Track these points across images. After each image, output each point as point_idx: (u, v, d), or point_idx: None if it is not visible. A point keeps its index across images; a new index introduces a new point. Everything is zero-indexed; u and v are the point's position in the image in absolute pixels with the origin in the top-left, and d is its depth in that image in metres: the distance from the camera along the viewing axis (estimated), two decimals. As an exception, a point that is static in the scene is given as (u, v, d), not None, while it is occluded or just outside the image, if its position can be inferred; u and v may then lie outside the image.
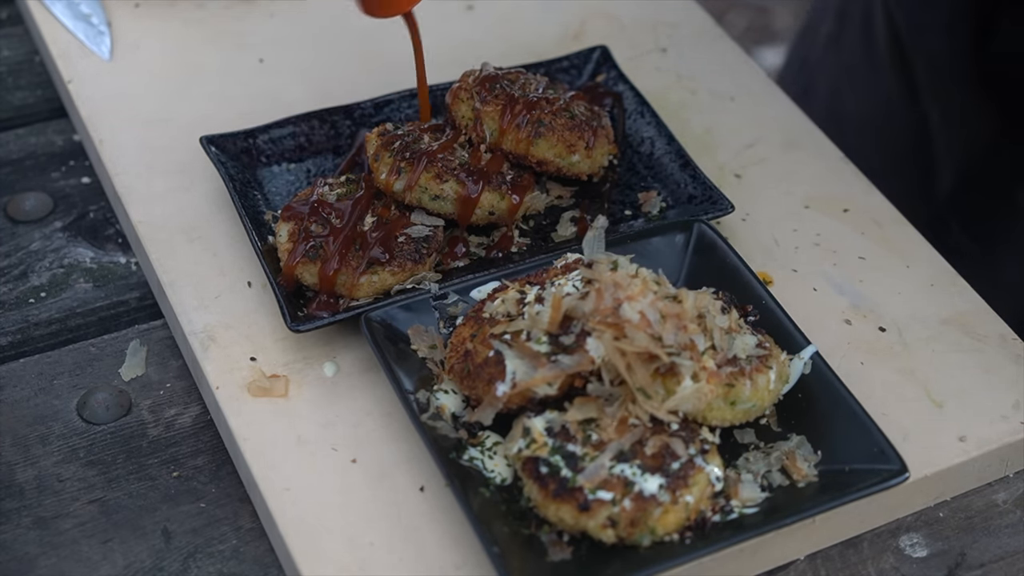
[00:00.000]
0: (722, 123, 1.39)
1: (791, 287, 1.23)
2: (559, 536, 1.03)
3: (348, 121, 1.33)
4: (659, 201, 1.28)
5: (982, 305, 1.22)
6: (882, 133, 1.62)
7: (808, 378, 1.11)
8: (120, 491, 1.11)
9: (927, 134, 1.59)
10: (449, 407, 1.10)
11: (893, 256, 1.27)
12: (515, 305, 1.11)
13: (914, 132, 1.60)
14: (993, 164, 1.54)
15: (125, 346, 1.21)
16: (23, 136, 1.41)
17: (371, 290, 1.18)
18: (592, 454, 1.02)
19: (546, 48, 1.45)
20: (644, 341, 1.03)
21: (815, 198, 1.32)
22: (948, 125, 1.56)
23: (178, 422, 1.16)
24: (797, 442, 1.08)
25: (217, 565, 1.07)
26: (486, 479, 1.06)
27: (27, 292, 1.26)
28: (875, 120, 1.64)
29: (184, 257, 1.24)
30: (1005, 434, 1.13)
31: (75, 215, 1.33)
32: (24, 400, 1.17)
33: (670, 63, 1.46)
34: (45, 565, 1.06)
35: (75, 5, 1.47)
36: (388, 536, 1.05)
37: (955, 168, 1.56)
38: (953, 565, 1.09)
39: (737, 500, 1.05)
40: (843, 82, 1.70)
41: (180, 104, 1.39)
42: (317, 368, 1.16)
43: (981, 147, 1.55)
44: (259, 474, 1.08)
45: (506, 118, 1.23)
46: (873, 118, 1.64)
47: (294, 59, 1.44)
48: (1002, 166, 1.54)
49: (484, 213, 1.22)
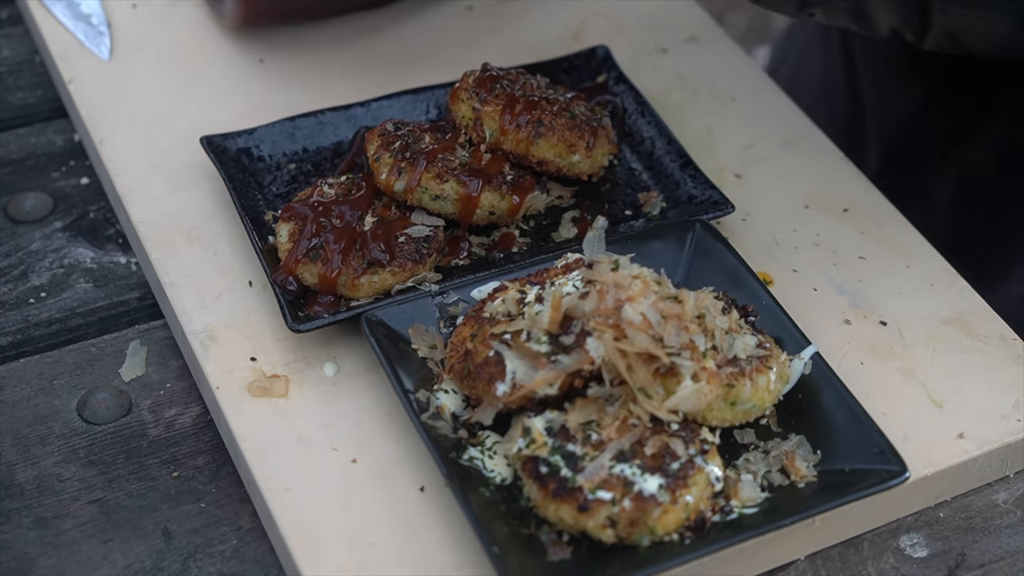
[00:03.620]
0: (722, 123, 1.39)
1: (791, 287, 1.23)
2: (559, 536, 1.03)
3: (348, 121, 1.33)
4: (659, 201, 1.28)
5: (982, 305, 1.22)
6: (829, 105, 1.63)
7: (808, 378, 1.12)
8: (120, 491, 1.11)
9: (861, 111, 1.60)
10: (449, 407, 1.10)
11: (893, 256, 1.27)
12: (515, 305, 1.11)
13: (850, 108, 1.61)
14: (914, 141, 1.56)
15: (125, 346, 1.21)
16: (23, 136, 1.41)
17: (371, 290, 1.18)
18: (592, 454, 1.02)
19: (546, 48, 1.45)
20: (645, 342, 1.03)
21: (815, 198, 1.32)
22: (877, 100, 1.58)
23: (178, 422, 1.16)
24: (797, 442, 1.08)
25: (217, 565, 1.07)
26: (486, 479, 1.06)
27: (27, 292, 1.26)
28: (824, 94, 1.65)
29: (184, 257, 1.24)
30: (1005, 434, 1.13)
31: (75, 215, 1.33)
32: (24, 400, 1.17)
33: (670, 63, 1.46)
34: (45, 565, 1.06)
35: (75, 5, 1.47)
36: (388, 536, 1.05)
37: (881, 143, 1.58)
38: (953, 565, 1.09)
39: (737, 500, 1.05)
40: (805, 56, 1.72)
41: (180, 104, 1.39)
42: (317, 368, 1.16)
43: (905, 123, 1.57)
44: (259, 474, 1.08)
45: (506, 118, 1.23)
46: (823, 91, 1.65)
47: (294, 59, 1.44)
48: (922, 144, 1.55)
49: (484, 213, 1.22)
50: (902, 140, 1.58)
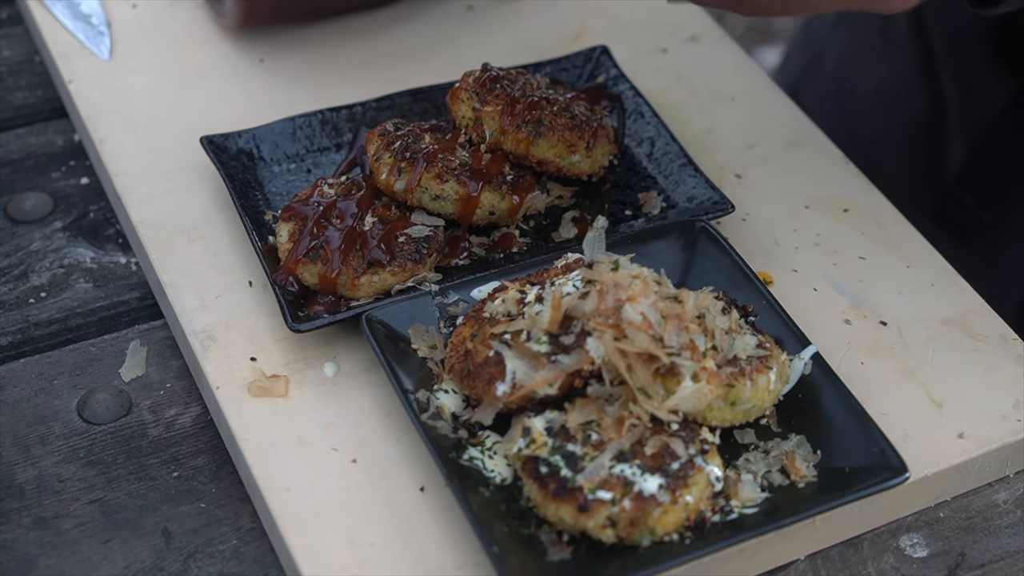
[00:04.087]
0: (722, 123, 1.39)
1: (791, 287, 1.23)
2: (559, 536, 1.03)
3: (348, 121, 1.33)
4: (659, 201, 1.28)
5: (982, 305, 1.22)
6: (894, 107, 1.61)
7: (808, 378, 1.12)
8: (120, 491, 1.11)
9: (941, 109, 1.59)
10: (449, 407, 1.10)
11: (893, 256, 1.27)
12: (515, 305, 1.11)
13: (928, 106, 1.60)
14: (1005, 138, 1.55)
15: (125, 346, 1.21)
16: (23, 136, 1.41)
17: (371, 290, 1.18)
18: (592, 454, 1.02)
19: (546, 48, 1.45)
20: (645, 342, 1.03)
21: (815, 198, 1.32)
22: (962, 98, 1.56)
23: (178, 422, 1.16)
24: (797, 442, 1.08)
25: (217, 565, 1.07)
26: (486, 479, 1.06)
27: (27, 292, 1.26)
28: (888, 95, 1.64)
29: (184, 257, 1.24)
30: (1005, 434, 1.13)
31: (75, 215, 1.33)
32: (24, 400, 1.17)
33: (670, 63, 1.46)
34: (45, 565, 1.06)
35: (75, 5, 1.47)
36: (388, 536, 1.05)
37: (967, 142, 1.56)
38: (953, 565, 1.09)
39: (737, 500, 1.05)
40: (856, 57, 1.69)
41: (180, 104, 1.39)
42: (317, 368, 1.16)
43: (994, 121, 1.55)
44: (259, 474, 1.08)
45: (506, 118, 1.23)
46: (886, 93, 1.64)
47: (294, 59, 1.44)
48: (1014, 140, 1.54)
49: (484, 213, 1.22)
50: (994, 138, 1.56)
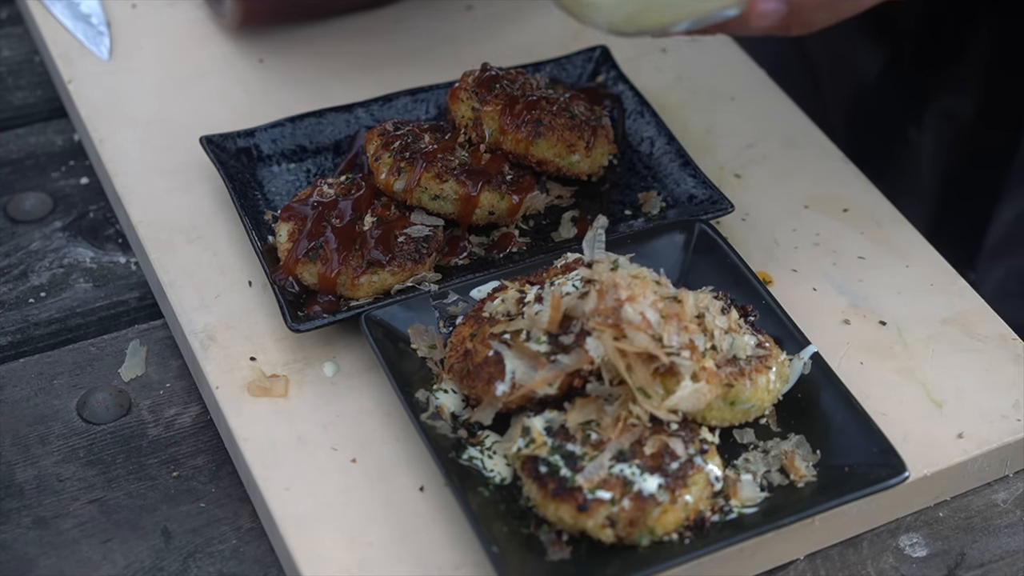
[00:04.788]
0: (722, 123, 1.39)
1: (791, 287, 1.23)
2: (558, 536, 1.03)
3: (348, 121, 1.33)
4: (659, 201, 1.28)
5: (982, 305, 1.22)
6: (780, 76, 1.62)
7: (808, 378, 1.12)
8: (120, 491, 1.11)
9: (816, 79, 1.59)
10: (449, 407, 1.10)
11: (893, 256, 1.27)
12: (515, 305, 1.11)
13: (806, 77, 1.60)
14: (880, 103, 1.56)
15: (125, 346, 1.21)
16: (23, 136, 1.41)
17: (371, 290, 1.18)
18: (592, 454, 1.02)
19: (546, 48, 1.45)
20: (644, 341, 1.03)
21: (815, 198, 1.32)
22: (836, 67, 1.57)
23: (178, 422, 1.16)
24: (796, 442, 1.08)
25: (217, 565, 1.07)
26: (485, 479, 1.06)
27: (27, 292, 1.26)
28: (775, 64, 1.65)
29: (184, 257, 1.24)
30: (1005, 434, 1.13)
31: (75, 215, 1.33)
32: (24, 400, 1.17)
33: (670, 63, 1.46)
34: (45, 565, 1.06)
35: (75, 5, 1.47)
36: (387, 536, 1.05)
37: (845, 109, 1.57)
38: (953, 565, 1.09)
39: (736, 500, 1.05)
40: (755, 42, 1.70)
41: (180, 104, 1.39)
42: (317, 368, 1.16)
43: (868, 87, 1.56)
44: (259, 474, 1.08)
45: (506, 118, 1.23)
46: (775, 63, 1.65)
47: (294, 59, 1.44)
48: (891, 104, 1.55)
49: (484, 213, 1.22)
50: (872, 101, 1.57)
